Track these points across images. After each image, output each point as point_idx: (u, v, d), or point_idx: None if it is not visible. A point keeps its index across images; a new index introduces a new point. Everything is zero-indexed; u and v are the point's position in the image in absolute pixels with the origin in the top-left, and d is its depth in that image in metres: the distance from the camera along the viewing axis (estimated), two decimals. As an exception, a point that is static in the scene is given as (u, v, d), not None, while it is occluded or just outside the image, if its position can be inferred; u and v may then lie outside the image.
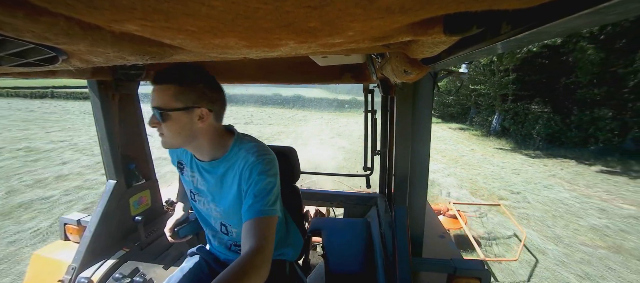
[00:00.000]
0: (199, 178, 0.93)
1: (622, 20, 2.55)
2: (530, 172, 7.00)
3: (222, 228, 0.97)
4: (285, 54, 0.51)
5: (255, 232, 0.73)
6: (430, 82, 1.07)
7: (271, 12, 0.27)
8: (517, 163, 7.81)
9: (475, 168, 7.21)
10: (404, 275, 1.04)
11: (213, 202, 0.93)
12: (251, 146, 0.87)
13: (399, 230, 1.13)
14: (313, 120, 15.57)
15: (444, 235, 1.61)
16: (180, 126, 0.77)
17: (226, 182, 0.88)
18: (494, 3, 0.26)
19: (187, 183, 0.98)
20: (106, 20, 0.30)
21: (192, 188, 0.97)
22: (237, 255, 1.00)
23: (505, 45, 0.39)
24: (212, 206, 0.94)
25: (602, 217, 4.43)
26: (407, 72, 0.66)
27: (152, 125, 0.79)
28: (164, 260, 1.48)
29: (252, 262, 0.66)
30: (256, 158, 0.82)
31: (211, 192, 0.92)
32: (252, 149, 0.85)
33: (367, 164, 2.16)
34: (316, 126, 13.26)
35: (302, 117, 17.36)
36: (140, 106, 1.60)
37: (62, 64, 0.53)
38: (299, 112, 20.56)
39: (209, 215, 0.97)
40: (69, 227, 1.51)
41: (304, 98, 23.98)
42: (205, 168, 0.90)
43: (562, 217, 4.45)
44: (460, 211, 3.59)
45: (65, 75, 0.95)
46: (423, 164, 1.15)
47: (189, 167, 0.95)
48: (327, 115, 18.24)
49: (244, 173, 0.82)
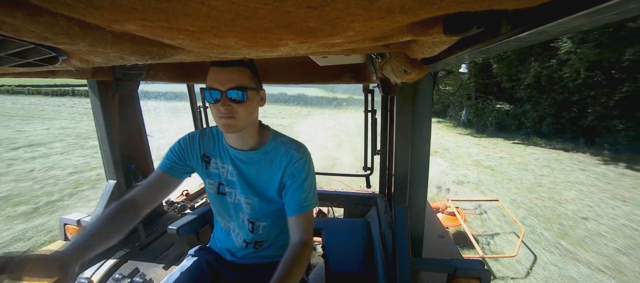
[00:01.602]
0: (230, 169, 0.92)
1: (621, 20, 2.53)
2: (465, 144, 10.61)
3: (249, 225, 0.96)
4: (285, 54, 0.51)
5: (303, 226, 0.85)
6: (430, 82, 1.07)
7: (271, 12, 0.27)
8: (462, 141, 11.28)
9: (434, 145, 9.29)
10: (404, 275, 1.04)
11: (243, 194, 0.92)
12: (288, 140, 0.92)
13: (399, 230, 1.13)
14: (316, 116, 18.19)
15: (444, 235, 1.61)
16: (253, 106, 0.83)
17: (264, 175, 0.90)
18: (494, 3, 0.26)
19: (213, 176, 0.95)
20: (106, 20, 0.30)
21: (221, 181, 0.95)
22: (249, 255, 1.00)
23: (505, 45, 0.39)
24: (242, 198, 0.93)
25: (490, 161, 8.16)
26: (407, 72, 0.66)
27: (226, 107, 0.78)
28: (164, 260, 1.48)
29: (303, 253, 0.80)
30: (301, 155, 0.88)
31: (244, 183, 0.91)
32: (292, 144, 0.90)
33: (367, 164, 2.16)
34: (320, 120, 15.72)
35: (307, 113, 20.32)
36: (140, 106, 1.60)
37: (62, 64, 0.53)
38: (303, 108, 23.64)
39: (237, 208, 0.96)
40: (69, 227, 1.51)
41: (306, 96, 28.27)
42: (240, 158, 0.90)
43: (463, 158, 8.41)
44: (459, 208, 3.61)
45: (65, 75, 0.95)
46: (423, 164, 1.15)
47: (218, 158, 0.93)
48: (328, 111, 20.97)
49: (289, 168, 0.87)
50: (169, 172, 0.90)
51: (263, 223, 0.96)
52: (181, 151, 0.92)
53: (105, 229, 0.78)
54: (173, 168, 0.91)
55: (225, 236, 1.03)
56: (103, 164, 1.48)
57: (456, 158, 8.37)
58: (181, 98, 10.50)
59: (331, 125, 13.06)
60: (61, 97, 27.24)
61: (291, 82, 1.72)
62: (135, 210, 0.84)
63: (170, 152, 0.93)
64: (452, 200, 3.81)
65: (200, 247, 1.08)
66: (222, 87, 0.77)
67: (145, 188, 0.88)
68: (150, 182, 0.89)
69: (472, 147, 9.92)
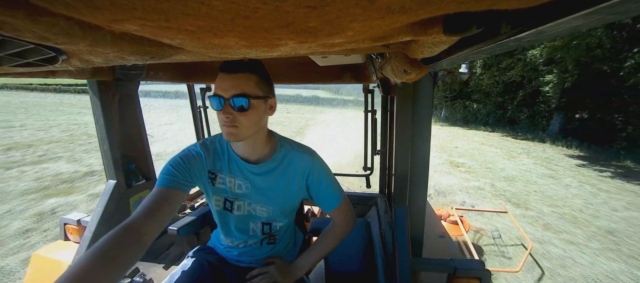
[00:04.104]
0: (239, 181, 0.89)
1: (621, 20, 2.50)
2: (440, 134, 13.59)
3: (265, 227, 0.96)
4: (285, 54, 0.51)
5: (345, 213, 0.97)
6: (430, 82, 1.07)
7: (271, 12, 0.27)
8: (440, 131, 14.37)
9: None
10: (404, 275, 1.04)
11: (257, 203, 0.91)
12: (296, 145, 0.93)
13: (399, 230, 1.13)
14: (329, 113, 22.47)
15: (444, 235, 1.61)
16: (259, 115, 0.79)
17: (279, 183, 0.90)
18: (494, 3, 0.26)
19: (219, 192, 0.90)
20: (106, 20, 0.30)
21: (227, 196, 0.91)
22: (256, 256, 1.00)
23: (505, 45, 0.39)
24: (255, 206, 0.92)
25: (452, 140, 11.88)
26: (407, 72, 0.66)
27: (227, 115, 0.74)
28: (164, 260, 1.48)
29: (344, 233, 0.98)
30: (315, 159, 0.92)
31: (258, 192, 0.90)
32: (302, 149, 0.93)
33: (367, 164, 2.16)
34: (332, 116, 19.54)
35: (320, 111, 25.42)
36: (140, 106, 1.61)
37: (62, 64, 0.53)
38: (317, 108, 28.96)
39: (250, 218, 0.94)
40: (69, 227, 1.51)
41: (319, 98, 38.08)
42: (253, 171, 0.87)
43: (436, 139, 11.69)
44: (462, 217, 3.34)
45: (65, 75, 0.95)
46: (423, 164, 1.15)
47: (226, 173, 0.89)
48: (337, 110, 25.96)
49: (310, 177, 0.91)
50: (177, 187, 0.77)
51: (279, 223, 0.98)
52: (186, 168, 0.82)
53: (97, 269, 0.56)
54: (180, 183, 0.79)
55: (233, 244, 1.02)
56: (103, 164, 1.48)
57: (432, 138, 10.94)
58: (182, 97, 10.72)
59: (344, 120, 16.97)
60: (82, 94, 30.45)
61: (291, 82, 1.71)
62: (138, 239, 0.65)
63: (171, 167, 0.80)
64: (456, 208, 3.52)
65: (201, 248, 1.08)
66: (226, 94, 0.74)
67: (148, 211, 0.70)
68: (152, 202, 0.72)
69: (443, 133, 13.85)
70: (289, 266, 0.97)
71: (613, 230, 4.07)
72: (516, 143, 11.68)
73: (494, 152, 9.70)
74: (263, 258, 1.00)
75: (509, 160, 8.54)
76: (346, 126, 13.43)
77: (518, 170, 7.47)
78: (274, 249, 1.02)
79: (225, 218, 0.96)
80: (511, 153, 9.55)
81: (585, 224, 4.24)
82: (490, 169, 7.38)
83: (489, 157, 8.87)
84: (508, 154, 9.44)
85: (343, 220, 0.97)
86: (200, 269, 0.98)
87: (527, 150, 10.28)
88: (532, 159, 8.84)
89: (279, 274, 0.94)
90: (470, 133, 14.16)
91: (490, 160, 8.44)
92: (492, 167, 7.59)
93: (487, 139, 12.73)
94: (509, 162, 8.38)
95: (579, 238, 3.78)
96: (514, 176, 6.82)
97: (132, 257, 0.63)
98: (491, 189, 5.75)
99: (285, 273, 0.95)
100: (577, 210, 4.79)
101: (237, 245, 1.00)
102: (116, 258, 0.60)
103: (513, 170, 7.37)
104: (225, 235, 1.01)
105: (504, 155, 9.24)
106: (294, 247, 1.12)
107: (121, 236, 0.64)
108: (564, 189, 5.98)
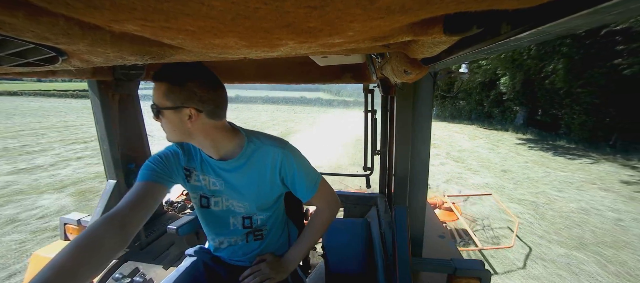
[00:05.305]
0: (213, 179, 0.91)
1: (622, 20, 2.51)
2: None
3: (246, 221, 0.96)
4: (285, 54, 0.51)
5: (326, 196, 0.98)
6: (430, 82, 1.07)
7: (271, 12, 0.27)
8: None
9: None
10: (404, 275, 1.04)
11: (234, 198, 0.92)
12: (266, 138, 0.92)
13: (399, 230, 1.13)
14: (331, 113, 25.57)
15: (444, 235, 1.61)
16: (173, 124, 0.78)
17: (252, 177, 0.89)
18: (494, 3, 0.26)
19: (195, 188, 0.93)
20: (106, 20, 0.30)
21: (204, 193, 0.93)
22: (245, 254, 1.00)
23: (505, 45, 0.39)
24: (233, 202, 0.93)
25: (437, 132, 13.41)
26: (407, 72, 0.66)
27: (155, 119, 0.82)
28: (164, 260, 1.47)
29: (330, 214, 0.99)
30: (286, 150, 0.90)
31: (231, 188, 0.91)
32: (272, 142, 0.91)
33: (367, 164, 2.16)
34: (335, 115, 22.44)
35: (324, 111, 28.36)
36: (140, 106, 1.60)
37: (62, 63, 0.53)
38: (320, 108, 32.95)
39: (229, 213, 0.95)
40: (69, 227, 1.51)
41: (322, 99, 42.60)
42: (223, 168, 0.88)
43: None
44: (455, 203, 3.78)
45: (65, 75, 0.95)
46: (423, 164, 1.15)
47: (199, 171, 0.91)
48: (339, 111, 29.46)
49: (283, 169, 0.90)
50: (158, 180, 0.81)
51: (260, 216, 0.97)
52: (164, 164, 0.86)
53: (80, 258, 0.58)
54: (161, 176, 0.83)
55: (219, 242, 1.03)
56: (103, 164, 1.48)
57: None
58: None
59: (345, 118, 19.72)
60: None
61: (291, 82, 1.71)
62: (121, 229, 0.67)
63: (151, 163, 0.84)
64: (448, 196, 4.01)
65: (199, 247, 1.08)
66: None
67: (130, 203, 0.73)
68: (135, 195, 0.75)
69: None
70: (280, 261, 0.97)
71: (506, 169, 7.26)
72: (484, 132, 13.93)
73: (460, 137, 12.33)
74: (254, 255, 1.00)
75: (468, 141, 11.20)
76: (346, 120, 16.59)
77: (471, 146, 10.31)
78: (263, 245, 1.00)
79: (206, 216, 0.97)
80: (474, 138, 12.07)
81: (493, 169, 7.32)
82: (450, 145, 10.37)
83: (455, 140, 11.58)
84: (471, 138, 12.11)
85: (324, 203, 0.98)
86: (196, 270, 0.99)
87: (488, 136, 12.77)
88: (486, 141, 11.45)
89: (271, 270, 0.94)
90: (451, 125, 16.50)
91: (454, 141, 11.14)
92: (453, 145, 10.47)
93: (462, 129, 14.86)
94: (468, 142, 11.03)
95: (485, 174, 6.85)
96: (466, 149, 9.76)
97: (115, 247, 0.65)
98: (445, 155, 8.76)
99: (277, 268, 0.95)
100: (493, 163, 7.93)
101: (221, 242, 1.00)
102: (99, 248, 0.62)
103: (467, 146, 10.25)
104: (209, 233, 1.02)
105: (467, 139, 11.85)
106: (288, 242, 1.11)
107: (104, 226, 0.66)
108: (494, 155, 8.94)
